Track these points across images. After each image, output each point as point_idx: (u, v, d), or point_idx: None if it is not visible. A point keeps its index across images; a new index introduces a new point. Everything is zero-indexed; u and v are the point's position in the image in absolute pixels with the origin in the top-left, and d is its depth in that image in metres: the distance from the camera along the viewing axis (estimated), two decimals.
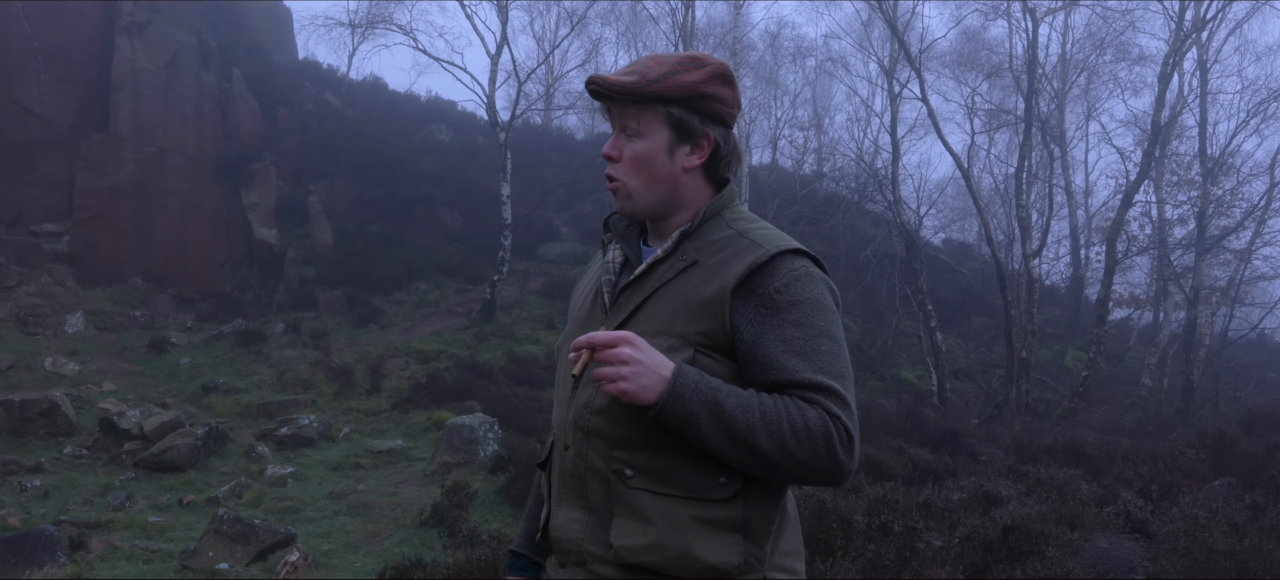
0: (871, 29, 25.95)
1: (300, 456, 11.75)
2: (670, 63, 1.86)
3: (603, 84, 1.85)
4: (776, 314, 1.76)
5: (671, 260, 1.85)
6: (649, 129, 1.86)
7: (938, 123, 19.97)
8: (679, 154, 1.87)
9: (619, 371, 1.68)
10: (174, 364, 16.02)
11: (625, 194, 1.90)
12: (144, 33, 20.58)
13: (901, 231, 20.31)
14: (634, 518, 1.77)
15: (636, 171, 1.88)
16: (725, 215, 1.90)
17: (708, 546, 1.75)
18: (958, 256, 32.96)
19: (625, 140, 1.89)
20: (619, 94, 1.84)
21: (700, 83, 1.84)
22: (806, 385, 1.72)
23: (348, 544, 8.42)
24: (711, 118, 1.87)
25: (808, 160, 33.32)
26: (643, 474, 1.78)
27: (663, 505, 1.76)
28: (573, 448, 1.86)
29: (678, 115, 1.84)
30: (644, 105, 1.85)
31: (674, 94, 1.83)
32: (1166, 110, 19.77)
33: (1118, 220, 18.88)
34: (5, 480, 10.07)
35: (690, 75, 1.84)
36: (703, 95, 1.85)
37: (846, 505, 6.60)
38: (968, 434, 12.76)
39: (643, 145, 1.86)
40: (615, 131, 1.91)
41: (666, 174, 1.87)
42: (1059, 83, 27.15)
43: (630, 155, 1.87)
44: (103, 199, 19.37)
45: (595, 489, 1.82)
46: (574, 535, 1.85)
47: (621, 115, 1.88)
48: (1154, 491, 8.50)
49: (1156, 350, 22.83)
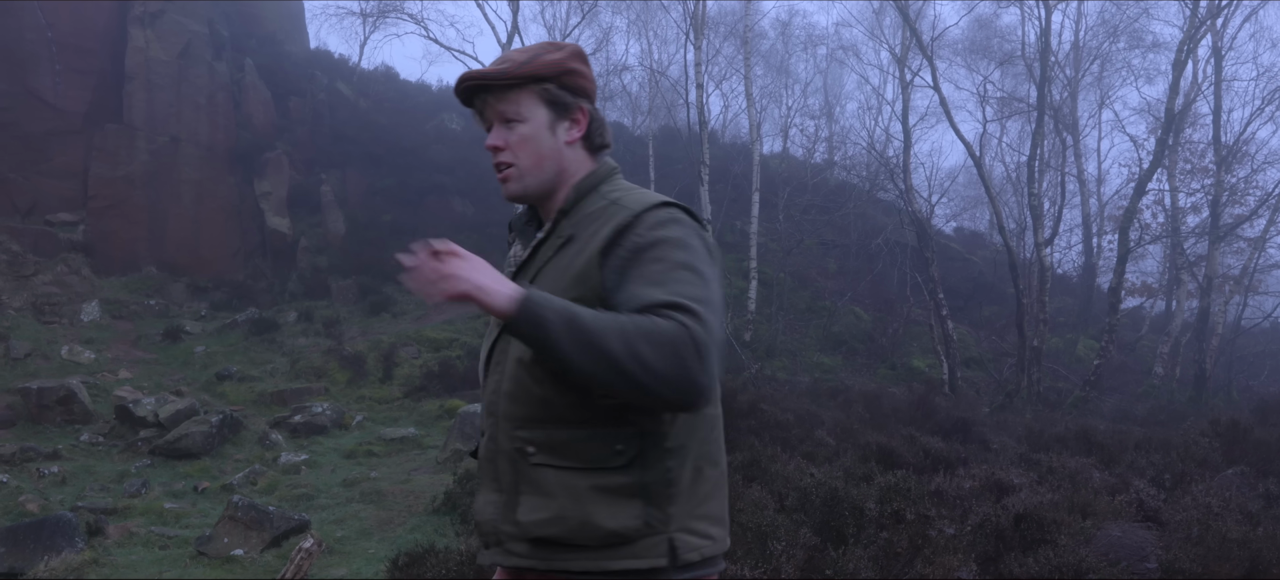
0: (883, 17, 25.88)
1: (313, 444, 11.82)
2: (534, 48, 1.97)
3: (479, 75, 1.95)
4: (638, 256, 1.79)
5: (551, 239, 1.93)
6: (528, 111, 1.94)
7: (949, 111, 19.92)
8: (559, 129, 1.96)
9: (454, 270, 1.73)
10: (188, 352, 16.12)
11: (517, 176, 1.96)
12: (157, 23, 20.65)
13: (913, 220, 20.27)
14: (538, 493, 1.83)
15: (525, 153, 1.95)
16: (601, 189, 1.96)
17: (607, 513, 1.79)
18: (969, 245, 32.88)
19: (507, 129, 1.96)
20: (496, 81, 1.93)
21: (565, 60, 1.95)
22: (661, 304, 1.70)
23: (361, 531, 8.48)
24: (580, 93, 1.98)
25: (819, 149, 33.29)
26: (543, 450, 1.84)
27: (563, 478, 1.81)
28: (487, 433, 1.95)
29: (553, 91, 1.94)
30: (519, 89, 1.93)
31: (545, 72, 1.93)
32: (1180, 98, 19.67)
33: (1130, 208, 18.82)
34: (24, 467, 10.17)
35: (554, 55, 1.95)
36: (569, 71, 1.95)
37: (858, 493, 6.62)
38: (979, 422, 12.76)
39: (525, 127, 1.94)
40: (495, 125, 1.98)
41: (552, 150, 1.96)
42: (1072, 70, 27.01)
43: (517, 139, 1.95)
44: (117, 188, 19.47)
45: (504, 469, 1.89)
46: (490, 517, 1.92)
47: (497, 107, 1.96)
48: (1167, 480, 8.50)
49: (1169, 339, 22.74)
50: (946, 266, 25.24)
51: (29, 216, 18.59)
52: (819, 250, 25.93)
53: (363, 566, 7.44)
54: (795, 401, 13.08)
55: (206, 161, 20.81)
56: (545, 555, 1.83)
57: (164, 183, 19.99)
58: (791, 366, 19.11)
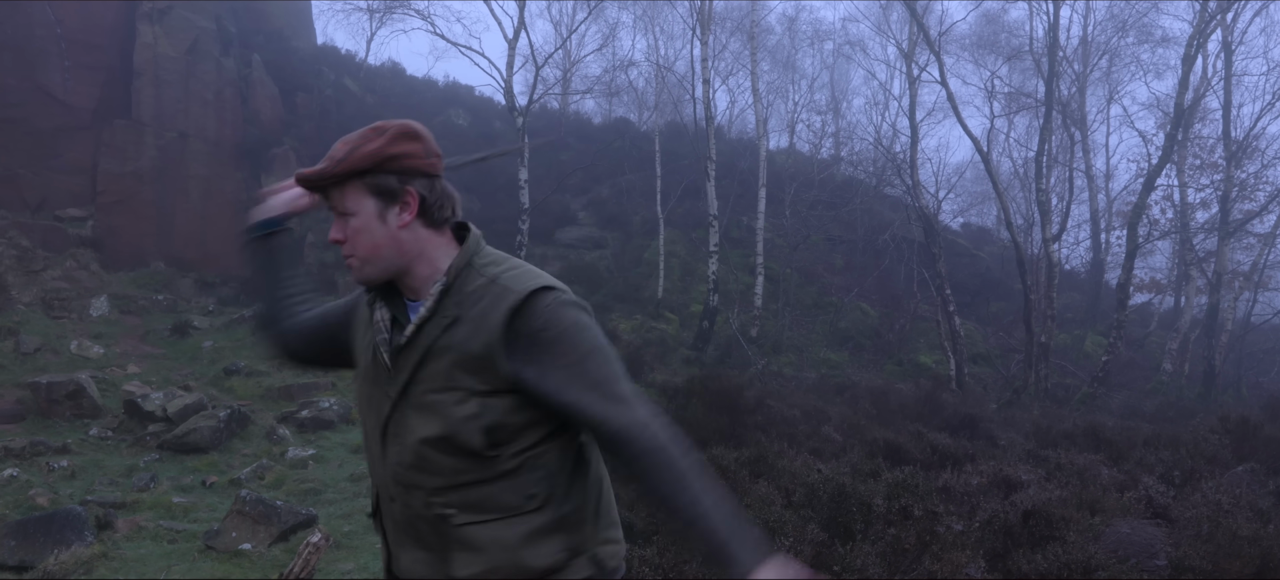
0: (890, 12, 25.80)
1: (321, 439, 11.84)
2: (354, 140, 1.97)
3: (304, 177, 2.00)
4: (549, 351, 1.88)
5: (436, 318, 1.94)
6: (355, 204, 1.96)
7: (957, 106, 19.87)
8: (390, 216, 1.96)
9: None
10: (196, 347, 16.16)
11: (358, 266, 2.01)
12: (165, 19, 20.69)
13: (920, 216, 20.23)
14: (468, 549, 1.93)
15: (360, 243, 1.98)
16: (475, 263, 2.00)
17: (535, 554, 1.93)
18: (976, 241, 32.82)
19: (343, 221, 1.99)
20: (316, 181, 1.98)
21: (384, 147, 1.94)
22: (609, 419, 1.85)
23: (368, 525, 8.48)
24: (409, 173, 1.96)
25: (825, 144, 33.26)
26: (465, 510, 1.93)
27: (490, 531, 1.92)
28: (398, 501, 2.00)
29: (374, 182, 1.94)
30: (343, 184, 1.96)
31: (363, 165, 1.93)
32: (1190, 93, 19.58)
33: (1139, 204, 18.75)
34: (34, 460, 10.20)
35: (374, 143, 1.94)
36: (390, 156, 1.94)
37: (866, 489, 6.61)
38: (986, 419, 12.74)
39: (356, 221, 1.97)
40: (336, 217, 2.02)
41: (386, 238, 1.97)
42: (1080, 65, 26.91)
43: (351, 230, 1.98)
44: (125, 184, 19.53)
45: (426, 532, 1.97)
46: (421, 574, 2.00)
47: (333, 200, 2.00)
48: (1176, 477, 8.47)
49: (1178, 335, 22.66)
50: (953, 262, 25.18)
51: (38, 212, 18.66)
52: (825, 246, 25.89)
53: (370, 561, 7.45)
54: (802, 397, 13.07)
55: (214, 157, 20.86)
56: None
57: (172, 178, 20.05)
58: (798, 362, 19.10)
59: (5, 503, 8.80)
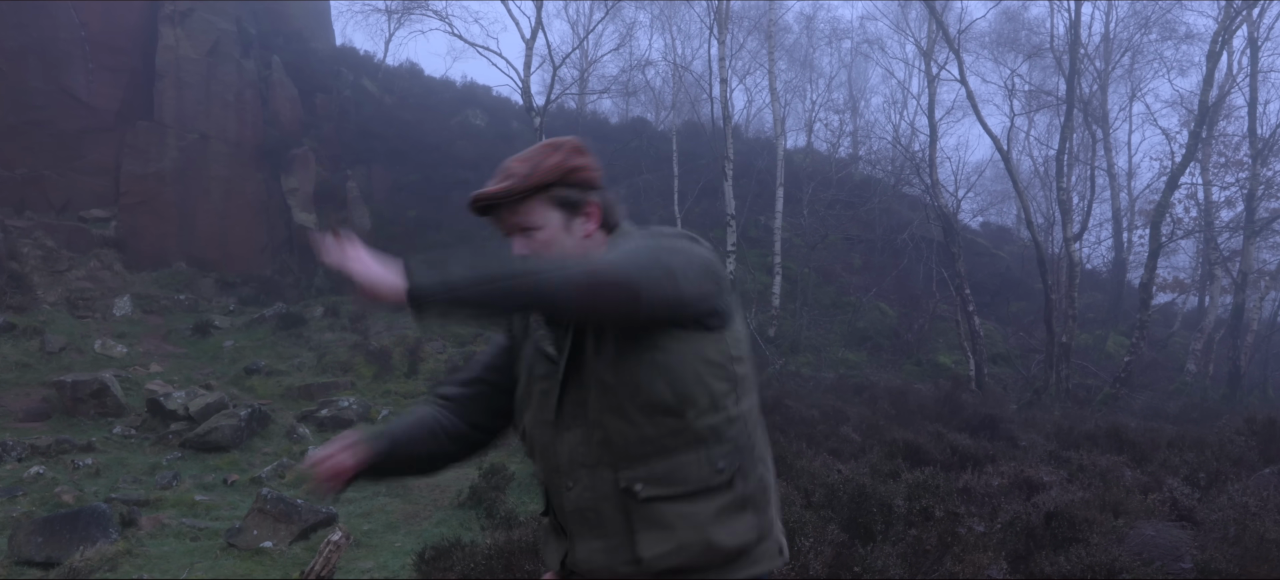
0: (909, 10, 25.70)
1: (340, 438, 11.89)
2: (533, 155, 2.03)
3: (488, 196, 2.00)
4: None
5: None
6: (541, 217, 2.01)
7: (976, 104, 19.75)
8: (575, 226, 2.04)
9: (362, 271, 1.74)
10: (217, 346, 16.27)
11: None
12: (186, 21, 20.85)
13: (939, 215, 20.13)
14: (655, 528, 1.89)
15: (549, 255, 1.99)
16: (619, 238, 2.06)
17: (727, 533, 1.90)
18: (996, 240, 32.62)
19: (526, 238, 2.02)
20: (504, 199, 2.00)
21: (564, 160, 2.02)
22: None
23: (387, 524, 8.52)
24: (586, 185, 2.05)
25: (843, 143, 33.10)
26: (650, 483, 1.90)
27: (678, 508, 1.89)
28: (580, 483, 1.97)
29: (561, 194, 2.01)
30: (529, 200, 2.00)
31: (549, 178, 2.00)
32: (1215, 90, 19.38)
33: (1162, 203, 18.58)
34: (59, 458, 10.30)
35: (553, 157, 2.02)
36: (571, 169, 2.02)
37: (886, 490, 6.58)
38: (1007, 419, 12.66)
39: (543, 233, 2.01)
40: (515, 235, 2.03)
41: (574, 248, 2.02)
42: (1102, 63, 26.69)
43: (538, 244, 2.01)
44: (148, 185, 19.70)
45: (610, 514, 1.93)
46: (599, 563, 1.96)
47: (513, 219, 2.02)
48: (1201, 479, 8.38)
49: (1202, 335, 22.46)
50: (973, 262, 25.04)
51: (63, 212, 18.84)
52: (844, 245, 25.79)
53: (389, 559, 7.48)
54: (820, 397, 13.03)
55: (235, 158, 21.01)
56: None
57: (193, 179, 20.20)
58: (816, 362, 19.04)
59: (32, 500, 8.89)
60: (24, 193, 18.49)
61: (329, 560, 5.96)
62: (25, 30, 18.52)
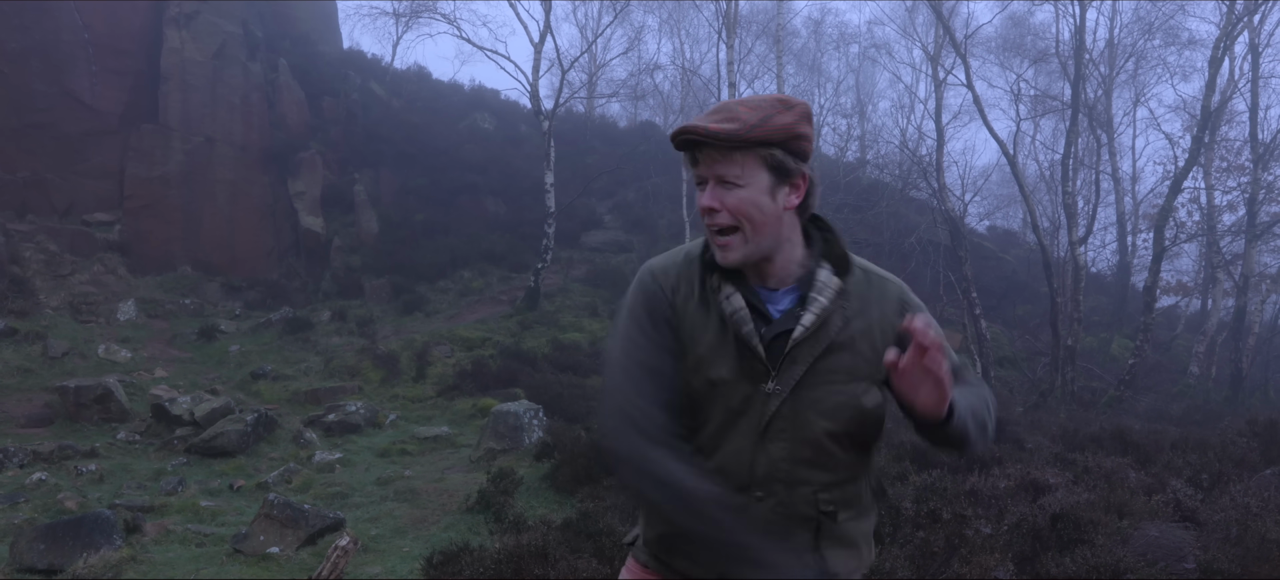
0: (916, 15, 25.71)
1: (347, 443, 11.90)
2: (764, 106, 1.86)
3: (703, 133, 1.82)
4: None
5: (836, 313, 1.91)
6: (750, 175, 1.85)
7: (983, 109, 19.76)
8: (779, 195, 1.88)
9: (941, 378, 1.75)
10: (223, 351, 16.29)
11: (740, 244, 1.88)
12: (192, 24, 20.89)
13: (946, 219, 20.13)
14: (842, 546, 1.95)
15: (745, 219, 1.86)
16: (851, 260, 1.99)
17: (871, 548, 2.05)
18: (1002, 244, 32.60)
19: (723, 190, 1.86)
20: (722, 141, 1.82)
21: (794, 123, 1.86)
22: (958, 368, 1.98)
23: (395, 529, 8.52)
24: (803, 156, 1.90)
25: (851, 147, 33.13)
26: (844, 507, 1.95)
27: (858, 527, 1.98)
28: (774, 497, 1.91)
29: (778, 156, 1.85)
30: (744, 151, 1.84)
31: (775, 136, 1.84)
32: (1217, 95, 19.39)
33: (1166, 206, 18.57)
34: (62, 464, 10.30)
35: (785, 117, 1.85)
36: (797, 135, 1.86)
37: (894, 492, 6.58)
38: (1013, 422, 12.63)
39: (746, 192, 1.85)
40: (709, 182, 1.88)
41: (773, 217, 1.88)
42: (1106, 68, 26.70)
43: (735, 204, 1.86)
44: (153, 188, 19.72)
45: (799, 531, 1.92)
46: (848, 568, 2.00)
47: (715, 164, 1.86)
48: (1204, 480, 8.37)
49: (1205, 338, 22.44)
50: (980, 265, 25.02)
51: (66, 216, 18.87)
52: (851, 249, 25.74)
53: (397, 564, 7.48)
54: None
55: (241, 161, 21.03)
56: None
57: (199, 183, 20.22)
58: None
59: (34, 506, 8.89)
60: (26, 196, 18.53)
61: (336, 566, 5.97)
62: (28, 32, 18.56)
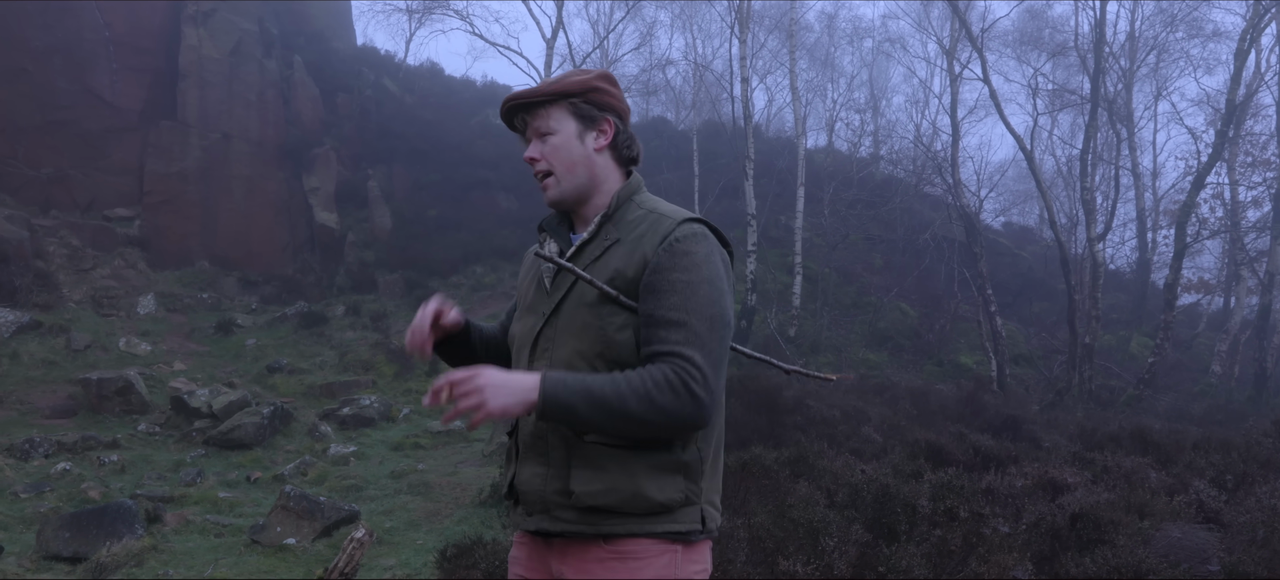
0: (931, 9, 25.53)
1: (362, 436, 11.96)
2: (566, 74, 2.24)
3: (516, 96, 2.23)
4: (671, 256, 2.06)
5: (596, 241, 2.18)
6: (558, 123, 2.20)
7: (999, 103, 19.63)
8: (588, 138, 2.21)
9: (479, 399, 1.91)
10: (240, 345, 16.38)
11: (555, 183, 2.21)
12: (209, 22, 21.00)
13: (961, 215, 20.01)
14: (590, 467, 2.05)
15: (558, 160, 2.20)
16: (636, 199, 2.23)
17: (656, 487, 2.05)
18: (1018, 240, 32.42)
19: (541, 142, 2.22)
20: (530, 99, 2.21)
21: (590, 79, 2.22)
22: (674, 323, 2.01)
23: (409, 522, 8.56)
24: (606, 107, 2.23)
25: (865, 143, 32.99)
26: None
27: (615, 455, 2.04)
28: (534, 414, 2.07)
29: (580, 106, 2.20)
30: (550, 104, 2.20)
31: (572, 89, 2.20)
32: (1242, 88, 19.19)
33: (1188, 202, 18.40)
34: (85, 455, 10.41)
35: (581, 76, 2.23)
36: (594, 88, 2.21)
37: (909, 490, 6.55)
38: (1029, 420, 12.56)
39: (557, 138, 2.20)
40: (532, 139, 2.24)
41: (582, 157, 2.21)
42: (1127, 61, 26.46)
43: (550, 148, 2.21)
44: (171, 184, 19.85)
45: (555, 446, 2.10)
46: (536, 487, 2.13)
47: (533, 123, 2.23)
48: (1228, 481, 8.28)
49: (1228, 336, 22.23)
50: (995, 262, 24.89)
51: (88, 212, 19.02)
52: (865, 245, 25.68)
53: (411, 557, 7.51)
54: (841, 397, 12.97)
55: (257, 158, 21.13)
56: (593, 521, 2.06)
57: (216, 178, 20.34)
58: (837, 362, 18.97)
59: (59, 496, 8.99)
60: (50, 192, 18.69)
61: (352, 557, 5.98)
62: (51, 31, 18.70)
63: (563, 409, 1.95)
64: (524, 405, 1.95)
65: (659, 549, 2.07)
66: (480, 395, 1.91)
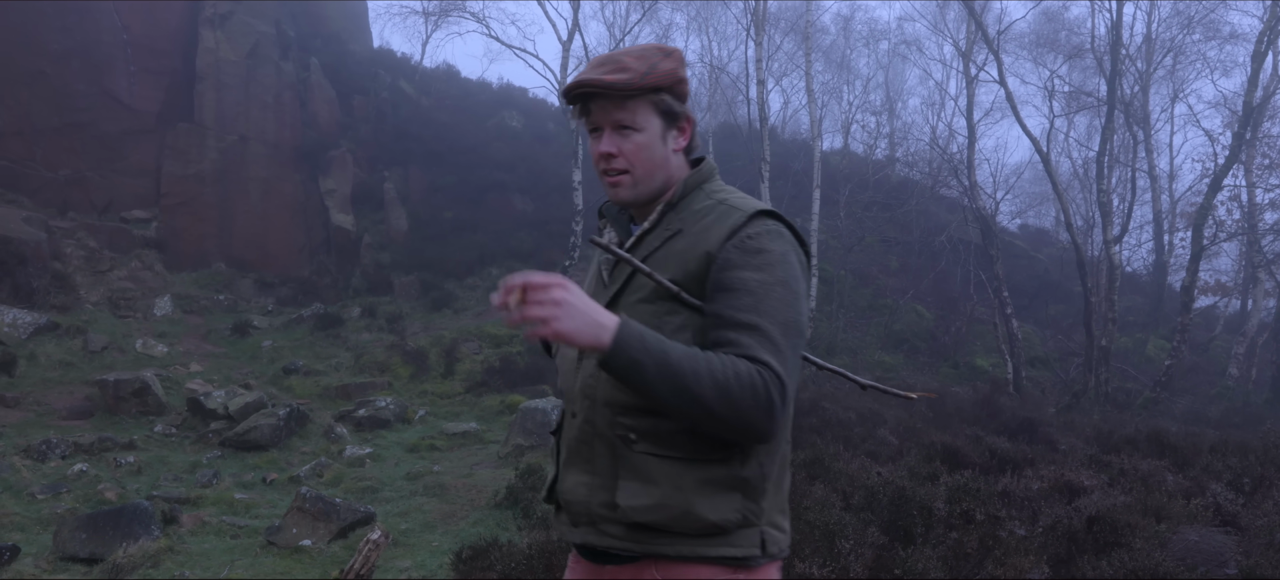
0: (947, 11, 25.49)
1: (377, 438, 11.99)
2: (648, 54, 1.97)
3: (599, 84, 1.92)
4: (743, 254, 1.87)
5: (657, 230, 1.98)
6: (643, 120, 1.96)
7: (1015, 105, 19.55)
8: (669, 138, 2.00)
9: (550, 312, 1.70)
10: (256, 346, 16.45)
11: (631, 183, 1.99)
12: (226, 24, 21.12)
13: (977, 217, 19.94)
14: (638, 479, 1.86)
15: (640, 161, 1.97)
16: (705, 188, 2.03)
17: (709, 505, 1.84)
18: (1034, 242, 32.29)
19: (620, 136, 1.97)
20: (618, 91, 1.92)
21: (676, 68, 1.98)
22: (746, 326, 1.81)
23: (425, 524, 8.57)
24: (683, 99, 2.02)
25: (880, 145, 32.92)
26: (646, 438, 1.87)
27: (666, 467, 1.85)
28: (580, 415, 1.97)
29: (666, 101, 1.97)
30: (636, 99, 1.94)
31: (662, 82, 1.95)
32: (1259, 91, 19.05)
33: (1205, 204, 18.28)
34: (102, 456, 10.46)
35: (668, 63, 1.97)
36: (680, 80, 1.99)
37: (926, 493, 6.53)
38: (1045, 423, 12.50)
39: (642, 137, 1.96)
40: (605, 129, 1.98)
41: (663, 159, 1.99)
42: (1144, 63, 26.31)
43: (632, 147, 1.96)
44: (188, 186, 19.97)
45: (601, 453, 1.92)
46: (581, 497, 1.95)
47: (609, 113, 1.96)
48: (1245, 484, 8.23)
49: (1245, 339, 22.08)
50: (1011, 264, 24.79)
51: (105, 213, 19.15)
52: (880, 247, 25.63)
53: (427, 558, 7.52)
54: (857, 400, 12.94)
55: (273, 160, 21.23)
56: (641, 539, 1.87)
57: (233, 180, 20.45)
58: (852, 364, 18.92)
59: (76, 497, 9.04)
60: (67, 194, 18.82)
61: (368, 559, 6.00)
62: (69, 33, 18.85)
63: (629, 364, 1.74)
64: (592, 341, 1.73)
65: (714, 575, 1.87)
66: (553, 309, 1.70)
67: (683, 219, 1.97)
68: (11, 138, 18.29)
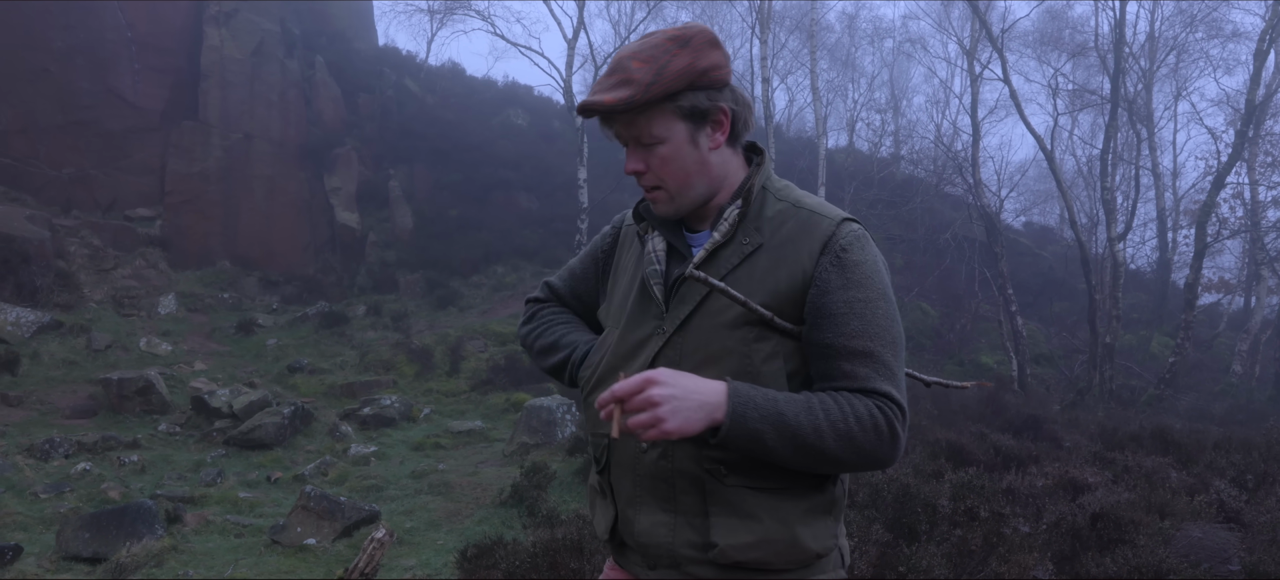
0: (951, 9, 25.45)
1: (382, 436, 12.00)
2: (657, 53, 1.73)
3: (601, 107, 1.72)
4: (841, 271, 1.72)
5: (733, 245, 1.78)
6: (663, 129, 1.75)
7: (1020, 103, 19.53)
8: (701, 139, 1.77)
9: (655, 414, 1.58)
10: (261, 345, 16.48)
11: (667, 198, 1.81)
12: (231, 22, 21.13)
13: (981, 214, 19.92)
14: (736, 515, 1.73)
15: (670, 174, 1.78)
16: (771, 188, 1.83)
17: (811, 534, 1.75)
18: (1039, 240, 32.25)
19: (645, 151, 1.78)
20: (621, 109, 1.72)
21: (695, 61, 1.73)
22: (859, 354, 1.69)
23: (429, 522, 8.58)
24: (718, 87, 1.77)
25: (885, 143, 32.89)
26: (738, 471, 1.73)
27: (766, 501, 1.73)
28: (654, 450, 1.80)
29: (686, 103, 1.74)
30: (650, 110, 1.73)
31: (676, 85, 1.72)
32: (1261, 89, 19.02)
33: (1208, 202, 18.25)
34: (106, 455, 10.48)
35: (682, 59, 1.72)
36: (702, 71, 1.74)
37: (930, 490, 6.53)
38: (1050, 420, 12.49)
39: (665, 148, 1.76)
40: (628, 146, 1.81)
41: (698, 164, 1.78)
42: (1147, 62, 26.24)
43: (658, 160, 1.77)
44: (192, 184, 19.98)
45: (684, 490, 1.77)
46: (662, 539, 1.80)
47: (628, 127, 1.77)
48: (1249, 481, 8.23)
49: (1248, 336, 22.05)
50: (1016, 262, 24.77)
51: (109, 211, 19.16)
52: (885, 245, 25.59)
53: (432, 557, 7.53)
54: None
55: (278, 158, 21.25)
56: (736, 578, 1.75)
57: (237, 179, 20.46)
58: None
59: (79, 496, 9.05)
60: (71, 192, 18.85)
61: (372, 558, 6.02)
62: (73, 31, 18.86)
63: (749, 436, 1.62)
64: (708, 424, 1.61)
65: None
66: (655, 410, 1.57)
67: (759, 230, 1.78)
68: (15, 135, 18.31)
